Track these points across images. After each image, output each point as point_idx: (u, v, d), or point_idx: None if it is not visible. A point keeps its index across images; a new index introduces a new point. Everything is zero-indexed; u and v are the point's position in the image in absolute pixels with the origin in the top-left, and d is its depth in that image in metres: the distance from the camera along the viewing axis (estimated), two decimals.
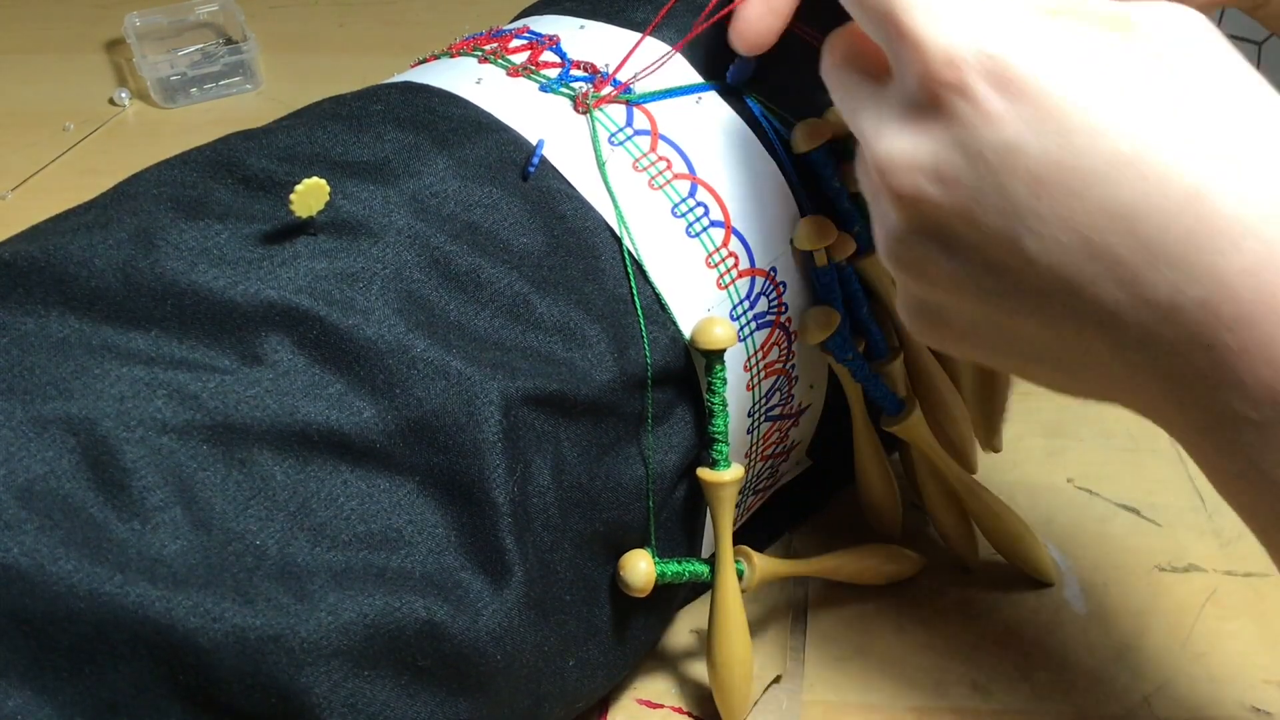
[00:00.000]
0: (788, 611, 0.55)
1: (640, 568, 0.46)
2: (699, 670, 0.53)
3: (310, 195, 0.39)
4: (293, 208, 0.39)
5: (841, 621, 0.55)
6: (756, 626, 0.54)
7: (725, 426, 0.46)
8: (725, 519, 0.47)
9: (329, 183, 0.40)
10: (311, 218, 0.40)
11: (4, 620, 0.33)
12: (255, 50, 0.87)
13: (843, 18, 0.39)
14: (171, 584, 0.34)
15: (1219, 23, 1.15)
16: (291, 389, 0.38)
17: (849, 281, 0.49)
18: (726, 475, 0.46)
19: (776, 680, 0.53)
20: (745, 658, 0.48)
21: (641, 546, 0.47)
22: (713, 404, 0.45)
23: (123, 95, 0.87)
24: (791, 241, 0.48)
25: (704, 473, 0.46)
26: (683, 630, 0.54)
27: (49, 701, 0.34)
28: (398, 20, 0.96)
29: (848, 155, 0.50)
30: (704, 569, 0.48)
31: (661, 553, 0.48)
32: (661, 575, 0.46)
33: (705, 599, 0.52)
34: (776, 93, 0.50)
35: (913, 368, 0.53)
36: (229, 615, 0.35)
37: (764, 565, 0.49)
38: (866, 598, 0.56)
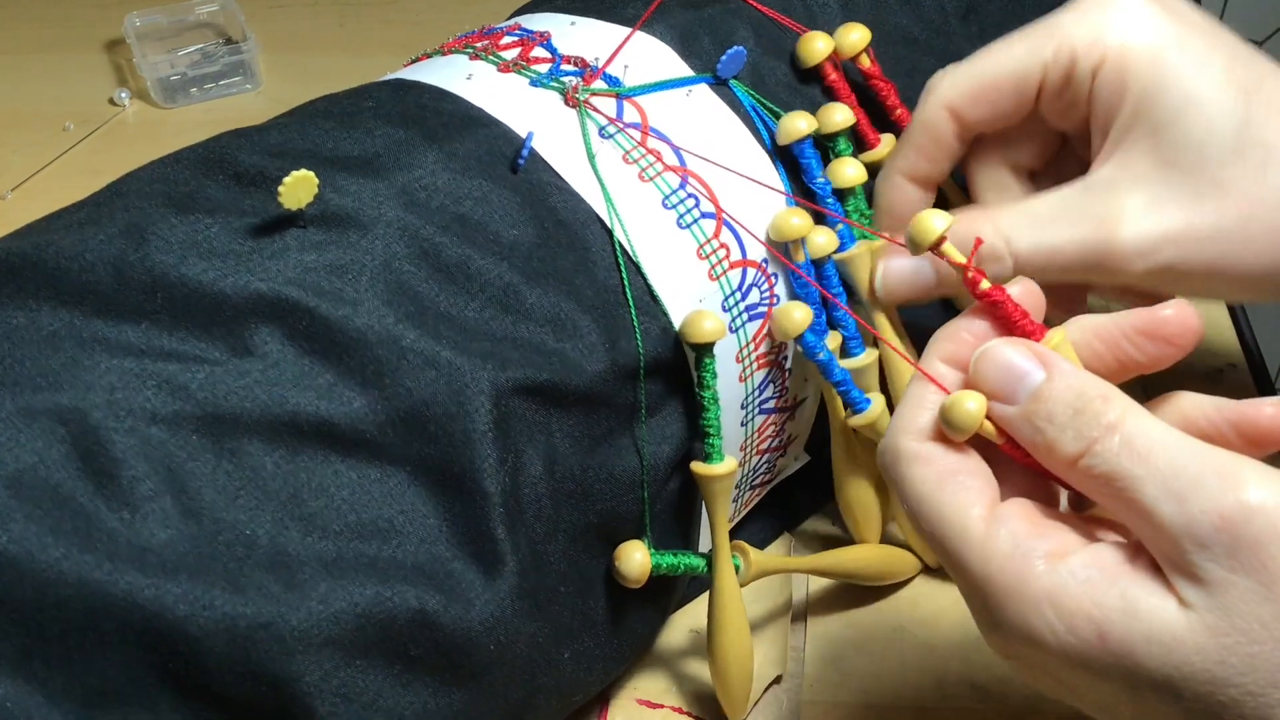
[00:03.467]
0: (788, 611, 0.55)
1: (635, 558, 0.46)
2: (699, 670, 0.53)
3: (299, 187, 0.39)
4: (281, 200, 0.39)
5: (841, 621, 0.55)
6: (757, 626, 0.54)
7: (717, 420, 0.46)
8: (720, 512, 0.47)
9: (319, 177, 0.40)
10: (301, 210, 0.40)
11: None
12: (255, 50, 0.87)
13: None
14: (161, 572, 0.34)
15: (1221, 15, 1.15)
16: (281, 380, 0.38)
17: (828, 277, 0.49)
18: (719, 468, 0.46)
19: (777, 680, 0.52)
20: (745, 652, 0.48)
21: (637, 538, 0.47)
22: (703, 397, 0.45)
23: (123, 95, 0.87)
24: (769, 232, 0.48)
25: (697, 466, 0.46)
26: (682, 629, 0.54)
27: (38, 689, 0.34)
28: (398, 20, 0.96)
29: (835, 153, 0.50)
30: (699, 562, 0.48)
31: (657, 546, 0.48)
32: (656, 566, 0.46)
33: (704, 598, 0.51)
34: (767, 85, 0.50)
35: (886, 369, 0.52)
36: (219, 603, 0.35)
37: (759, 560, 0.49)
38: (866, 598, 0.55)
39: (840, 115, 0.49)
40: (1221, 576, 0.31)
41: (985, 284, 0.37)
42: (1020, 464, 0.36)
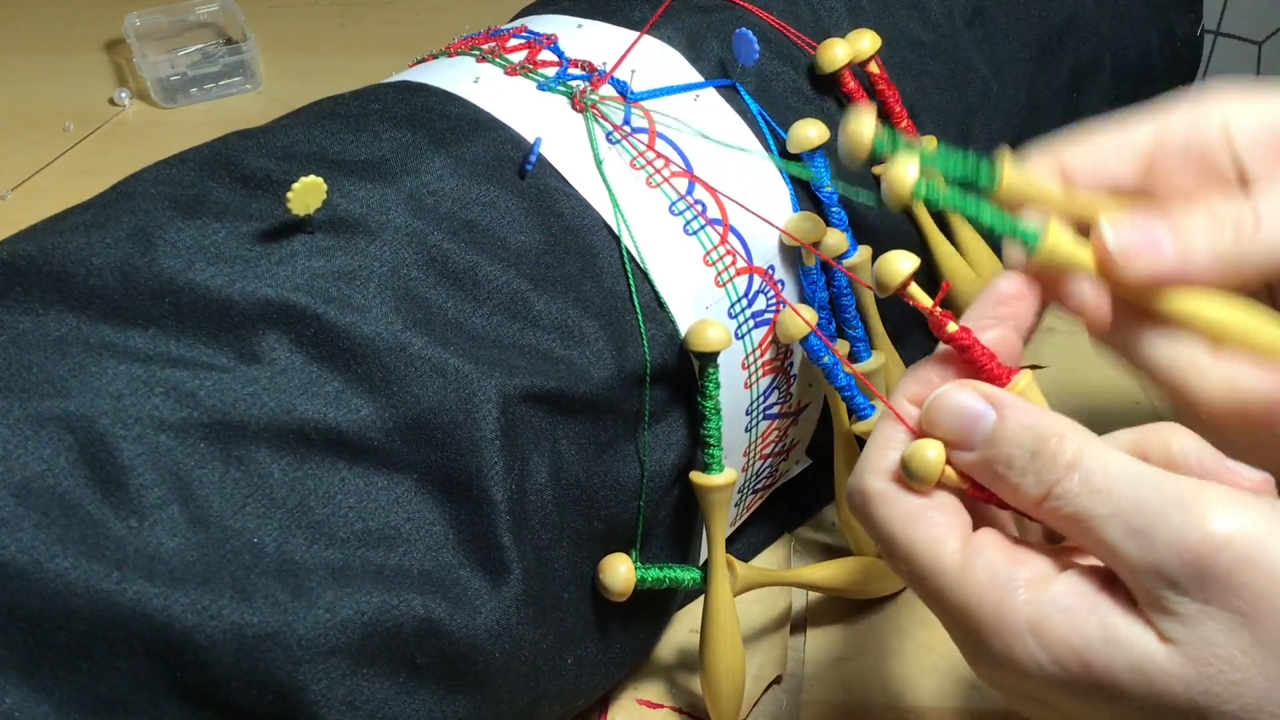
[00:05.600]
0: (788, 612, 0.55)
1: (620, 571, 0.45)
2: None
3: (307, 193, 0.39)
4: (290, 206, 0.39)
5: (841, 621, 0.55)
6: (757, 627, 0.54)
7: (718, 430, 0.45)
8: (718, 523, 0.47)
9: (326, 181, 0.40)
10: (309, 216, 0.40)
11: (1, 617, 0.33)
12: (255, 50, 0.87)
13: None
14: (169, 581, 0.34)
15: (1221, 15, 1.15)
16: (289, 387, 0.38)
17: (837, 282, 0.49)
18: (718, 479, 0.46)
19: (777, 680, 0.53)
20: (735, 664, 0.48)
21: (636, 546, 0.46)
22: (705, 407, 0.45)
23: (123, 95, 0.87)
24: (780, 238, 0.48)
25: (696, 476, 0.46)
26: (683, 630, 0.54)
27: (46, 698, 0.34)
28: (398, 20, 0.96)
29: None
30: (687, 575, 0.47)
31: (658, 552, 0.48)
32: (641, 580, 0.46)
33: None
34: (774, 91, 0.50)
35: (893, 376, 0.52)
36: (227, 612, 0.35)
37: (746, 574, 0.48)
38: (867, 599, 0.56)
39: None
40: (1195, 609, 0.31)
41: (952, 326, 0.36)
42: (991, 504, 0.36)
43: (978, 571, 0.34)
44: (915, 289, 0.37)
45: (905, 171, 0.37)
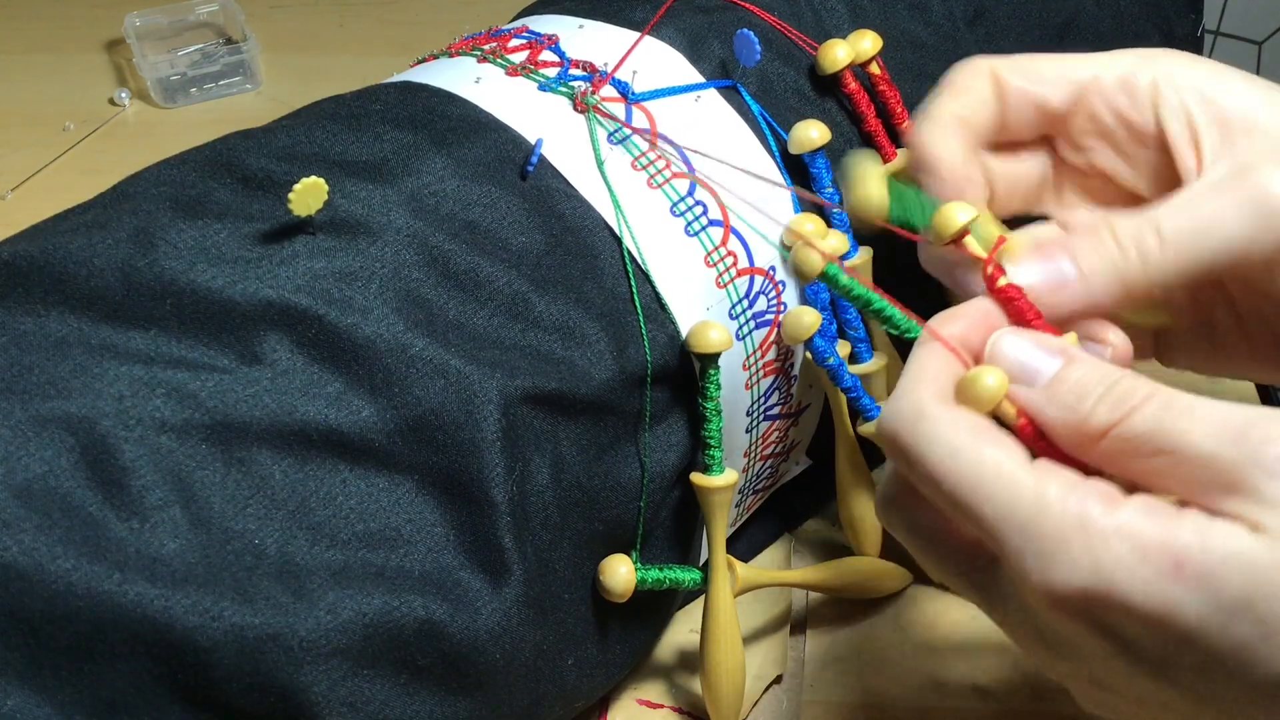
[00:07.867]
0: (788, 612, 0.55)
1: (620, 573, 0.45)
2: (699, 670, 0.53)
3: (309, 194, 0.39)
4: (291, 207, 0.39)
5: (841, 622, 0.55)
6: (757, 627, 0.54)
7: (719, 431, 0.45)
8: (719, 524, 0.47)
9: (328, 182, 0.40)
10: (310, 217, 0.40)
11: (3, 619, 0.33)
12: (255, 50, 0.87)
13: None
14: (170, 583, 0.34)
15: (1221, 15, 1.15)
16: (290, 388, 0.38)
17: None
18: (719, 480, 0.46)
19: (777, 680, 0.53)
20: (735, 666, 0.48)
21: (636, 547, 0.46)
22: (706, 408, 0.45)
23: (123, 95, 0.87)
24: (781, 240, 0.48)
25: (697, 477, 0.46)
26: (683, 630, 0.54)
27: (48, 700, 0.34)
28: (398, 20, 0.96)
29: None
30: (687, 576, 0.47)
31: (659, 554, 0.48)
32: (642, 582, 0.46)
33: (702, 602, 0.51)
34: (776, 92, 0.50)
35: (894, 378, 0.52)
36: (228, 614, 0.35)
37: (747, 575, 0.48)
38: (867, 599, 0.56)
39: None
40: None
41: (1004, 280, 0.36)
42: (1035, 448, 0.35)
43: (1051, 484, 0.32)
44: (971, 240, 0.36)
45: (811, 256, 0.38)
